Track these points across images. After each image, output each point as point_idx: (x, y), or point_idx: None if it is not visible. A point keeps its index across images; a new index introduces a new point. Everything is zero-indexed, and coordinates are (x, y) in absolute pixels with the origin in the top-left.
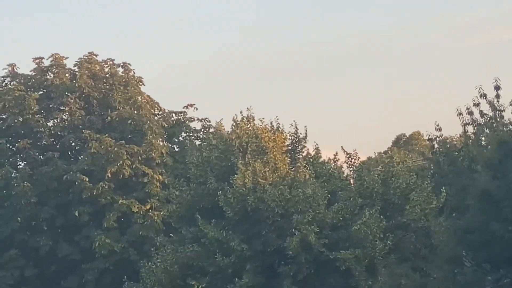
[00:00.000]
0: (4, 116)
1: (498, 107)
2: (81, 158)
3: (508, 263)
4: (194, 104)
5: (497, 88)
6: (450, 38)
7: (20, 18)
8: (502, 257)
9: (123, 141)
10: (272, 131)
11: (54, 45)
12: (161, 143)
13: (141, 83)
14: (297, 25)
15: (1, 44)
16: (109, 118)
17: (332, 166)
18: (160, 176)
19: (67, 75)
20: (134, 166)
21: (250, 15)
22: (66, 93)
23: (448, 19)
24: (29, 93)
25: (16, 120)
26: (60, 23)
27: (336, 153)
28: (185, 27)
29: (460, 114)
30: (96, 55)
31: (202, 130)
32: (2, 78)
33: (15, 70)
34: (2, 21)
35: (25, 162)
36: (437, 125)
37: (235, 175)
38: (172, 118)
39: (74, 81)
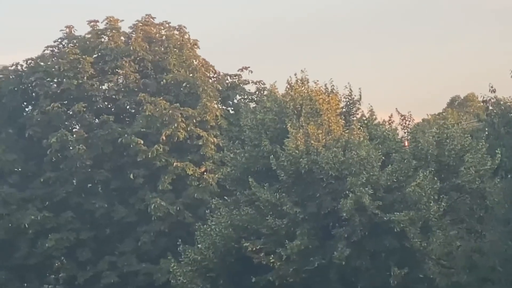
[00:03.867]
0: (59, 80)
1: None
2: (136, 121)
3: None
4: (249, 67)
5: None
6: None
7: None
8: None
9: (177, 104)
10: (326, 93)
11: (110, 8)
12: (215, 106)
13: (196, 46)
14: None
15: (57, 7)
16: (164, 81)
17: (386, 128)
18: (215, 139)
19: (122, 38)
20: (188, 128)
21: None
22: (121, 56)
23: None
24: (84, 56)
25: (71, 84)
26: None
27: (391, 115)
28: None
29: None
30: (153, 18)
31: (257, 92)
32: (60, 40)
33: (73, 32)
34: None
35: (80, 126)
36: (491, 87)
37: (288, 138)
38: (227, 81)
39: (129, 44)
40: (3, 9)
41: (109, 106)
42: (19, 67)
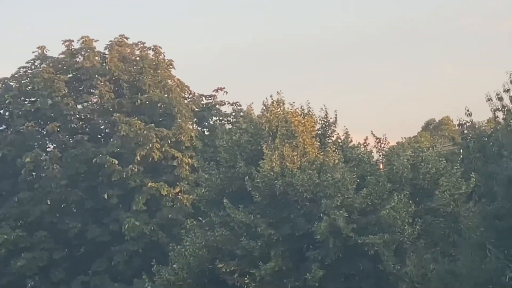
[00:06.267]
0: (33, 99)
1: None
2: (111, 141)
3: None
4: (224, 88)
5: None
6: (482, 22)
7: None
8: None
9: (152, 124)
10: (302, 115)
11: (84, 28)
12: (190, 127)
13: (171, 66)
14: (326, 9)
15: (31, 27)
16: (139, 101)
17: (361, 150)
18: (190, 160)
19: (97, 58)
20: (163, 149)
21: None
22: (96, 76)
23: (480, 3)
24: (58, 75)
25: (45, 103)
26: (91, 5)
27: (366, 138)
28: (216, 11)
29: (490, 99)
30: (127, 38)
31: (233, 114)
32: (32, 61)
33: (45, 52)
34: (31, 4)
35: (55, 145)
36: (467, 110)
37: (263, 160)
38: (202, 102)
39: (104, 64)
40: None
41: (84, 125)
42: None
